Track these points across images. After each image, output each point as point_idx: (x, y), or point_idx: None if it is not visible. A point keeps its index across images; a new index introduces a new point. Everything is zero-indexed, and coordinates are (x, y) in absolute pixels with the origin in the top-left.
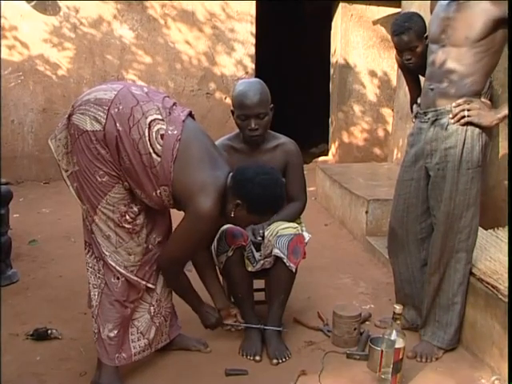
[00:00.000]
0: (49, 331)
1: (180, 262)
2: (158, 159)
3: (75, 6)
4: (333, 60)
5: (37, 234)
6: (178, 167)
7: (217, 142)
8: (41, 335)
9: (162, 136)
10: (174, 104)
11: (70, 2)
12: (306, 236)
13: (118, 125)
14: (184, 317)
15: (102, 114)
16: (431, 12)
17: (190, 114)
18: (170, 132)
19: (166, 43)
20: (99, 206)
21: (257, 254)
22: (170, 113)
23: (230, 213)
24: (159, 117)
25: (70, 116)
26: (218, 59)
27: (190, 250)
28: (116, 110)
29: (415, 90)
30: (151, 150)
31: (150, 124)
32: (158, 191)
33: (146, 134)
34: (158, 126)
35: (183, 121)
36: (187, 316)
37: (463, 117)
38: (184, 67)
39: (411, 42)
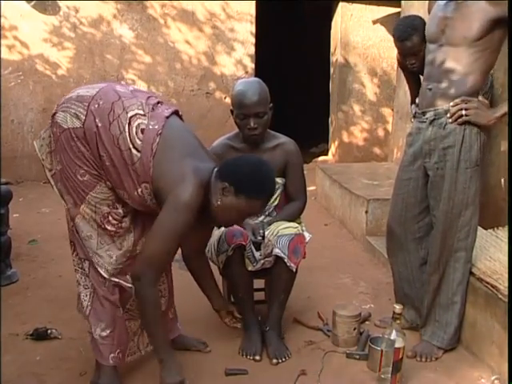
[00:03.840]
0: (48, 331)
1: (157, 263)
2: (138, 155)
3: (75, 5)
4: (333, 59)
5: (37, 234)
6: (158, 162)
7: (216, 142)
8: (41, 335)
9: (143, 131)
10: (159, 102)
11: (70, 2)
12: (307, 236)
13: (97, 120)
14: (184, 317)
15: (82, 111)
16: (429, 12)
17: (178, 114)
18: (150, 127)
19: (165, 43)
20: (82, 206)
21: (257, 254)
22: (153, 109)
23: (216, 202)
24: (141, 112)
25: (53, 115)
26: (218, 59)
27: (167, 247)
28: (96, 105)
29: (416, 91)
30: (131, 146)
31: (130, 119)
32: (140, 189)
33: (126, 129)
34: (139, 121)
35: (166, 117)
36: (187, 316)
37: (461, 116)
38: (184, 67)
39: (415, 47)
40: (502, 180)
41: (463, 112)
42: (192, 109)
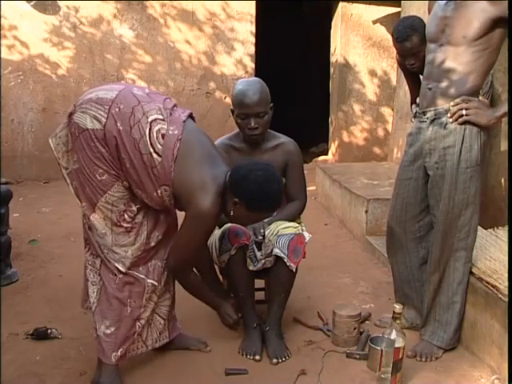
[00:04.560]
0: (49, 331)
1: (187, 262)
2: (159, 159)
3: (75, 5)
4: (333, 59)
5: (37, 234)
6: (179, 167)
7: (217, 142)
8: (41, 335)
9: (163, 136)
10: (175, 105)
11: (70, 2)
12: (307, 236)
13: (118, 124)
14: (184, 317)
15: (102, 113)
16: (429, 12)
17: (191, 116)
18: (170, 132)
19: (165, 43)
20: (98, 204)
21: (258, 254)
22: (170, 113)
23: (229, 212)
24: (160, 117)
25: (71, 114)
26: (218, 59)
27: (194, 249)
28: (117, 109)
29: (416, 90)
30: (152, 150)
31: (151, 124)
32: (159, 191)
33: (147, 133)
34: (159, 126)
35: (184, 121)
36: (187, 316)
37: (461, 116)
38: (184, 67)
39: (414, 48)
40: (502, 180)
41: (464, 112)
42: (192, 109)
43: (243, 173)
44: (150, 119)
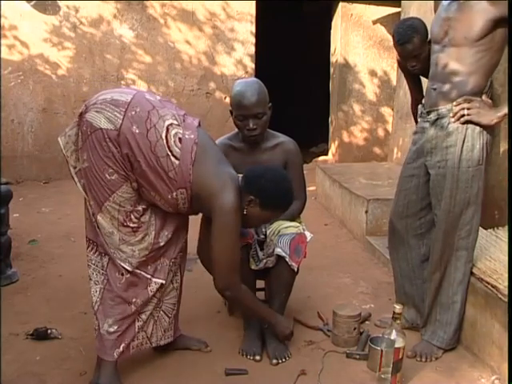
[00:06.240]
0: (49, 331)
1: (233, 267)
2: (177, 162)
3: (75, 5)
4: (333, 59)
5: (37, 234)
6: (197, 170)
7: (217, 142)
8: (41, 335)
9: (180, 140)
10: (185, 114)
11: (70, 2)
12: (308, 235)
13: (134, 127)
14: (184, 316)
15: (118, 115)
16: (435, 12)
17: (199, 124)
18: (187, 136)
19: (165, 43)
20: (105, 204)
21: (260, 253)
22: (184, 119)
23: (243, 211)
24: (175, 122)
25: (82, 114)
26: (218, 59)
27: (234, 251)
28: (133, 112)
29: (416, 91)
30: (169, 153)
31: (167, 127)
32: (175, 193)
33: (164, 136)
34: (176, 130)
35: (196, 127)
36: (187, 316)
37: (463, 115)
38: (184, 67)
39: (416, 50)
40: (504, 180)
41: (465, 111)
42: (192, 109)
43: (259, 172)
44: (166, 123)
